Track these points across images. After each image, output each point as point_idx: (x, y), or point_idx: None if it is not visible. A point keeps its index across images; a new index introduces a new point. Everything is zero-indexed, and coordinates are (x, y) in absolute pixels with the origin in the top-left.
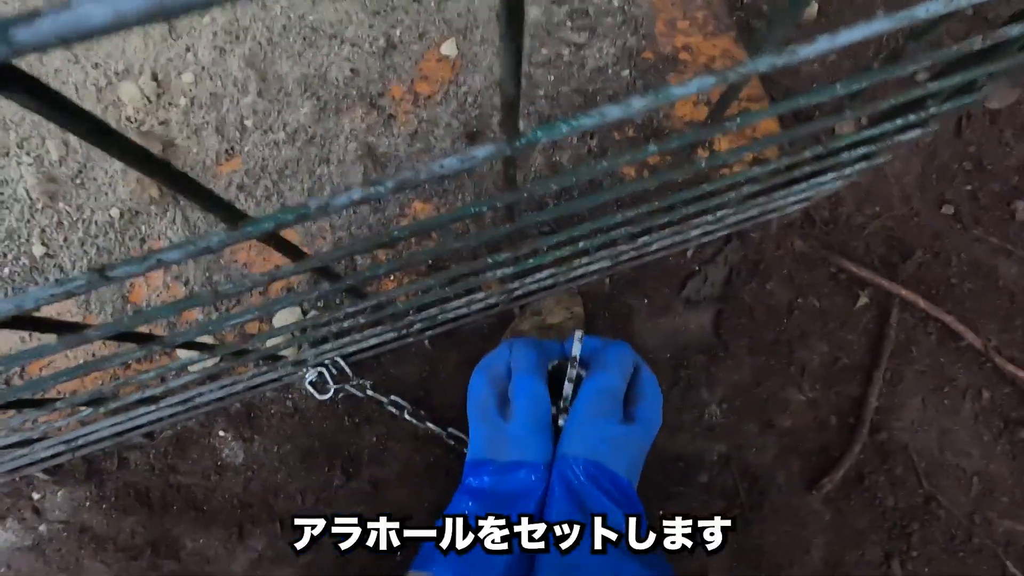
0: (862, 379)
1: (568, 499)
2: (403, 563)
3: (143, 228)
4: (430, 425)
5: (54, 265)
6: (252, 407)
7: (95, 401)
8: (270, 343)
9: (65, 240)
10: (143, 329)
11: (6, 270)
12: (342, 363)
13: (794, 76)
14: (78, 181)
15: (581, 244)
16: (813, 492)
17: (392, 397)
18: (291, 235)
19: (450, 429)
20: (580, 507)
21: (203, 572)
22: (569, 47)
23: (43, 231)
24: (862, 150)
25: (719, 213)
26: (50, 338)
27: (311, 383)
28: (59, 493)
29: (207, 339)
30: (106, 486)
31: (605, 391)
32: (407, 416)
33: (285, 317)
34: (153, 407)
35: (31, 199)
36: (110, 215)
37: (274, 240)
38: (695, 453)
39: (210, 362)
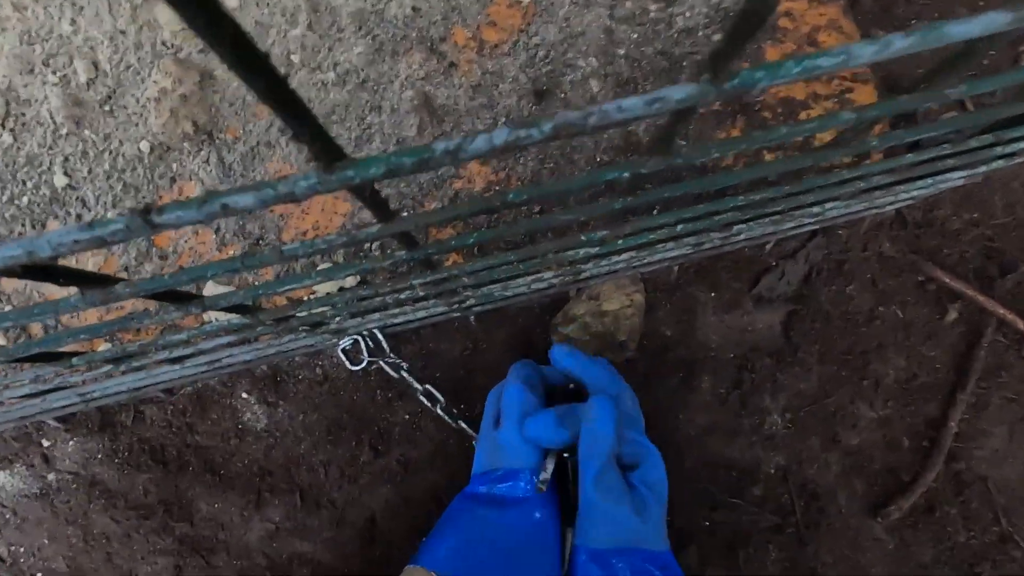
0: (942, 401)
1: None
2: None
3: (174, 166)
4: (463, 425)
5: (76, 198)
6: (279, 371)
7: (117, 359)
8: (314, 311)
9: (90, 172)
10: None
11: (25, 199)
12: (379, 336)
13: (897, 60)
14: (107, 108)
15: (680, 227)
16: (878, 518)
17: (427, 387)
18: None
19: None
20: None
21: (216, 538)
22: (657, 3)
23: (66, 160)
24: (1010, 148)
25: (829, 206)
26: (60, 289)
27: (344, 351)
28: (70, 443)
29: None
30: (120, 440)
31: (607, 468)
32: (439, 411)
33: (330, 283)
34: (178, 367)
35: (55, 123)
36: (139, 148)
37: (369, 193)
38: (751, 463)
39: (250, 327)
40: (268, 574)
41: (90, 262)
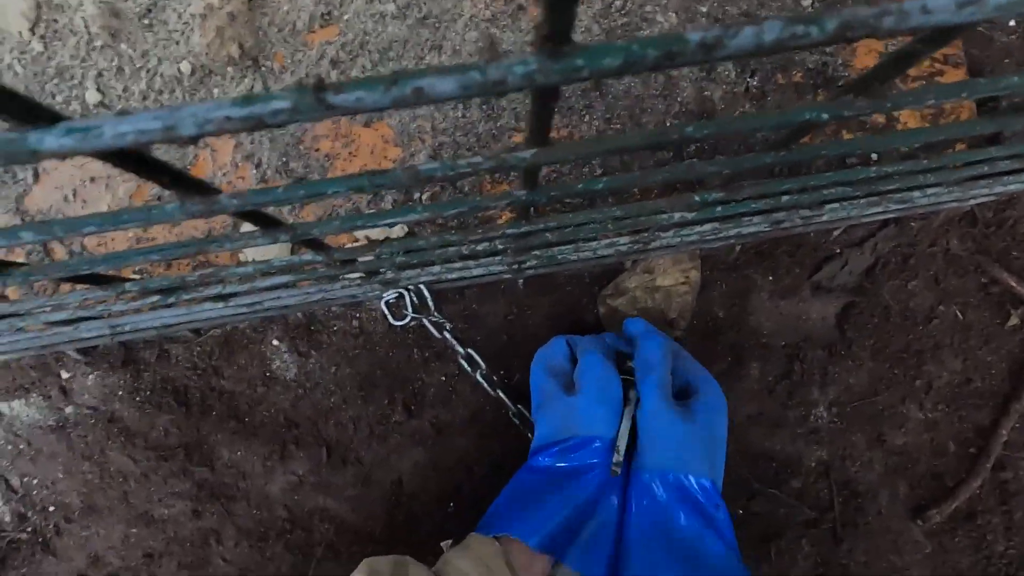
0: (995, 408)
1: (652, 526)
2: (456, 517)
3: (215, 92)
4: (500, 394)
5: None
6: (314, 320)
7: (170, 290)
8: (382, 255)
9: (125, 90)
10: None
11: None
12: (425, 291)
13: (986, 44)
14: (146, 22)
15: (785, 199)
16: (918, 521)
17: (469, 351)
18: (384, 130)
19: (519, 406)
20: (665, 534)
21: (237, 486)
22: None
23: (100, 75)
24: None
25: (930, 191)
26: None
27: (387, 304)
28: (90, 376)
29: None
30: (142, 377)
31: (662, 388)
32: (479, 377)
33: (378, 232)
34: (222, 304)
35: (89, 34)
36: (179, 69)
37: (547, 106)
38: (792, 455)
39: (317, 265)
40: (288, 527)
41: (121, 189)
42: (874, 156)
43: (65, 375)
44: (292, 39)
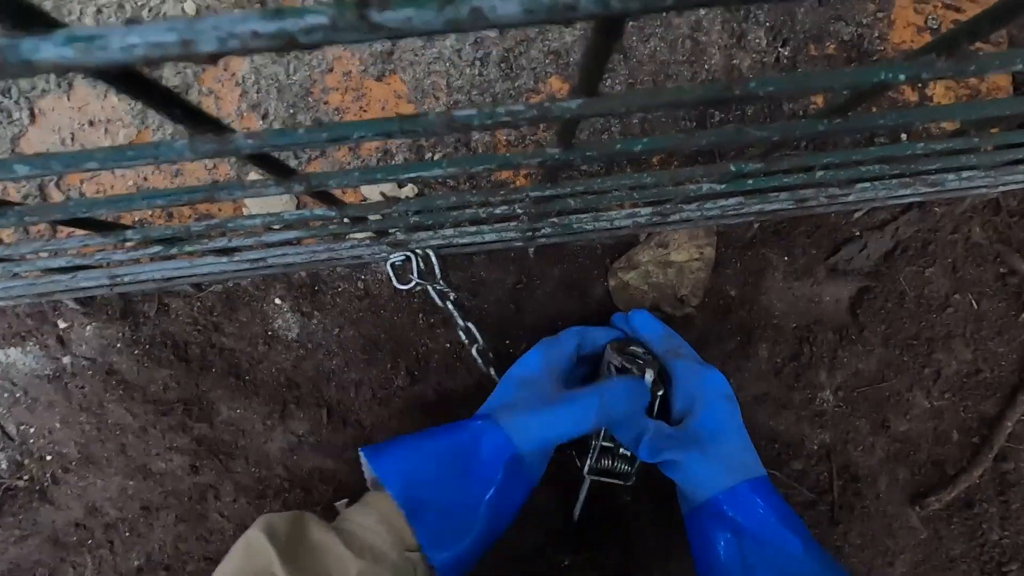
0: (1002, 399)
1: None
2: None
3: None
4: (492, 372)
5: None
6: (318, 279)
7: (172, 240)
8: (377, 216)
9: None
10: None
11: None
12: (433, 256)
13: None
14: None
15: (820, 174)
16: (915, 507)
17: (469, 324)
18: (397, 85)
19: None
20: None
21: (236, 443)
22: None
23: (99, 11)
24: None
25: (965, 174)
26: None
27: (392, 266)
28: (88, 327)
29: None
30: (141, 330)
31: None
32: (475, 352)
33: (383, 189)
34: (226, 259)
35: None
36: (182, 9)
37: (599, 56)
38: (795, 437)
39: (329, 222)
40: (287, 486)
41: (121, 134)
42: (903, 136)
43: (63, 325)
44: None
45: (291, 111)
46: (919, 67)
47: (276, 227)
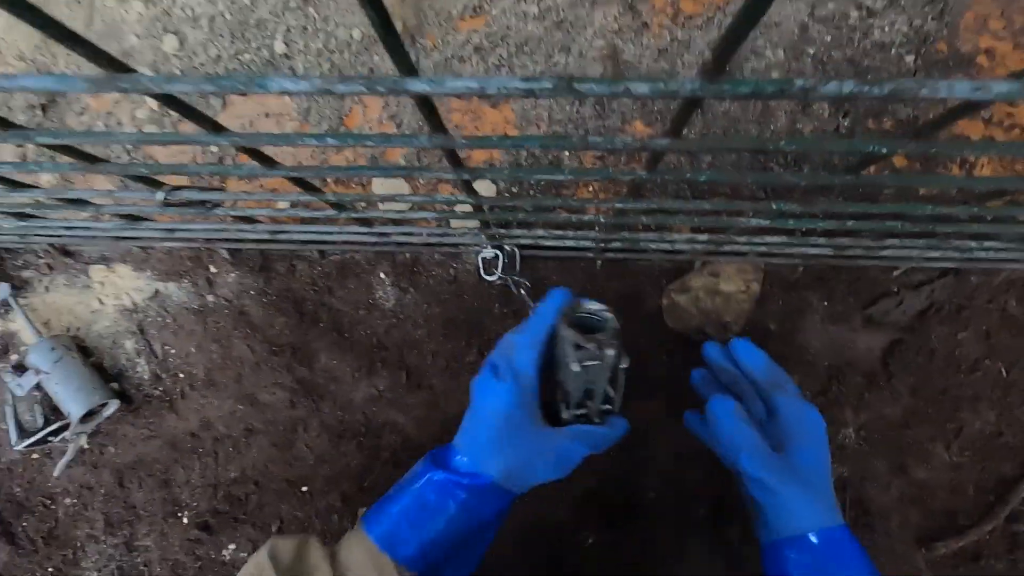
0: (1021, 464)
1: None
2: None
3: (375, 58)
4: None
5: (288, 67)
6: (418, 262)
7: (340, 206)
8: (464, 213)
9: (305, 46)
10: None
11: (247, 56)
12: (517, 255)
13: None
14: None
15: (850, 223)
16: (923, 550)
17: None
18: (508, 113)
19: None
20: None
21: (328, 388)
22: (860, 10)
23: (288, 31)
24: None
25: (987, 243)
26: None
27: (483, 259)
28: (232, 275)
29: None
30: (272, 284)
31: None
32: None
33: (487, 187)
34: (366, 229)
35: None
36: (351, 35)
37: (685, 112)
38: None
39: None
40: (363, 431)
41: (288, 126)
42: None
43: (213, 270)
44: (445, 23)
45: (420, 123)
46: (894, 144)
47: (403, 206)
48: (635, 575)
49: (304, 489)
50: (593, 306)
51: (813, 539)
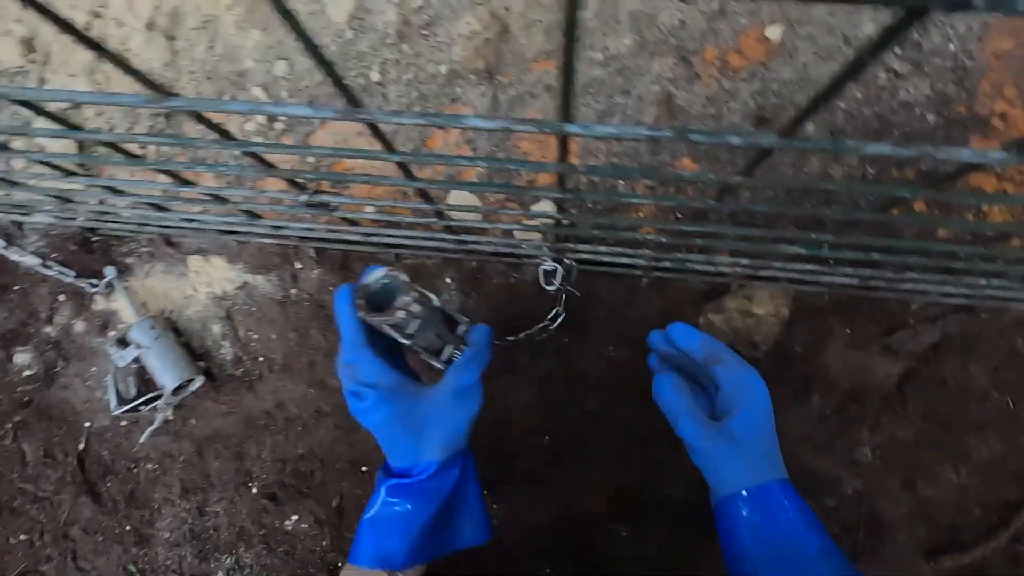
0: (1023, 489)
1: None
2: (540, 450)
3: (458, 91)
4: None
5: (381, 94)
6: (482, 271)
7: (439, 213)
8: (531, 227)
9: (397, 77)
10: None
11: (346, 82)
12: (575, 268)
13: None
14: (425, 32)
15: (875, 255)
16: (930, 562)
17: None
18: (572, 144)
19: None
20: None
21: None
22: (889, 73)
23: (384, 63)
24: None
25: (995, 281)
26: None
27: (544, 271)
28: (314, 271)
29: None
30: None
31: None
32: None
33: (544, 206)
34: (453, 236)
35: (385, 33)
36: (438, 69)
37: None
38: (832, 477)
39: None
40: None
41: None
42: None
43: (298, 266)
44: (520, 64)
45: (494, 148)
46: (890, 188)
47: (475, 216)
48: (661, 569)
49: (364, 469)
50: (374, 276)
51: (744, 495)
